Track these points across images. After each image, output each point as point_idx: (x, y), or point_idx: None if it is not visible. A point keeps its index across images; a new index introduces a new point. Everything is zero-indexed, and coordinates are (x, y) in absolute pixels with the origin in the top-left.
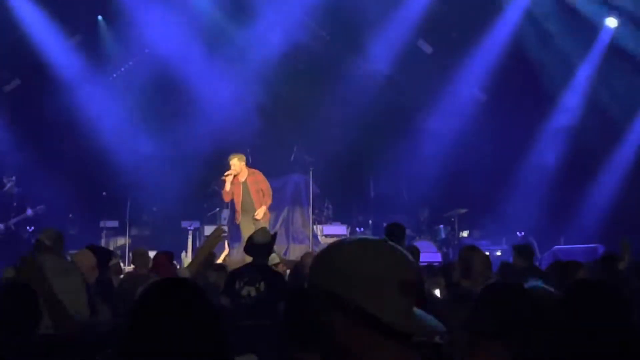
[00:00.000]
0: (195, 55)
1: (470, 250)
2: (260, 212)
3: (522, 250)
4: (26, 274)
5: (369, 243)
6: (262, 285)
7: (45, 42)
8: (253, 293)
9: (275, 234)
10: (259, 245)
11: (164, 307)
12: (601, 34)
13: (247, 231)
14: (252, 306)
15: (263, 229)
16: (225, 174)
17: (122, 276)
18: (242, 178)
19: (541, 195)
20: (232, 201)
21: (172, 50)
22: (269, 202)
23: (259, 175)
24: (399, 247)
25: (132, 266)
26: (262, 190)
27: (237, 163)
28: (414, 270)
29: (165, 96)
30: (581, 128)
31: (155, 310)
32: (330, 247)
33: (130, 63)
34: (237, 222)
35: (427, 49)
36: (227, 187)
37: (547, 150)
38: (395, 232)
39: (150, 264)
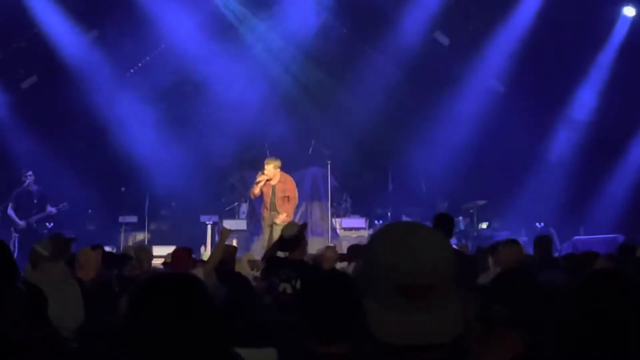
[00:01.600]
0: (212, 49)
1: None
2: (280, 219)
3: (541, 242)
4: None
5: (395, 234)
6: (298, 283)
7: (62, 39)
8: (289, 290)
9: (305, 224)
10: (288, 239)
11: (156, 303)
12: (619, 23)
13: (267, 228)
14: (289, 303)
15: (291, 223)
16: (258, 179)
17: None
18: (273, 182)
19: (561, 186)
20: (257, 197)
21: (189, 44)
22: (291, 208)
23: (289, 184)
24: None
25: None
26: (287, 197)
27: (271, 170)
28: (420, 272)
29: (183, 91)
30: (599, 119)
31: (147, 306)
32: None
33: (148, 58)
34: (262, 218)
35: (445, 40)
36: (257, 191)
37: (566, 141)
38: (442, 222)
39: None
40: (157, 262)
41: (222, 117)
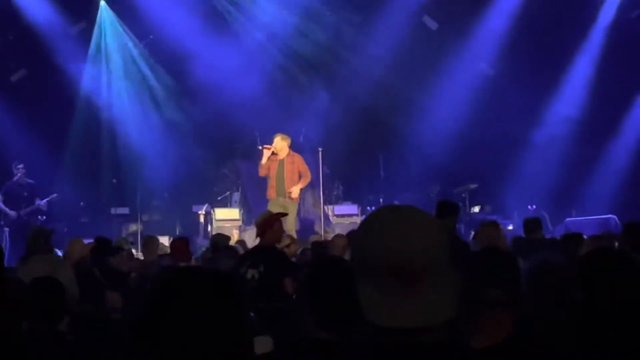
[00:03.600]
0: (202, 38)
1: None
2: (295, 191)
3: (531, 224)
4: None
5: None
6: (262, 267)
7: (50, 31)
8: (256, 275)
9: (278, 214)
10: (256, 225)
11: (183, 297)
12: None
13: (273, 209)
14: (256, 288)
15: (265, 211)
16: (265, 146)
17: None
18: (280, 156)
19: (552, 169)
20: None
21: (177, 31)
22: (306, 182)
23: (297, 158)
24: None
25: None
26: (299, 172)
27: (279, 141)
28: (412, 255)
29: (172, 80)
30: (590, 100)
31: (173, 300)
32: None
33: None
34: (269, 198)
35: (433, 25)
36: (264, 160)
37: (556, 123)
38: (444, 209)
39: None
40: None
41: (211, 106)
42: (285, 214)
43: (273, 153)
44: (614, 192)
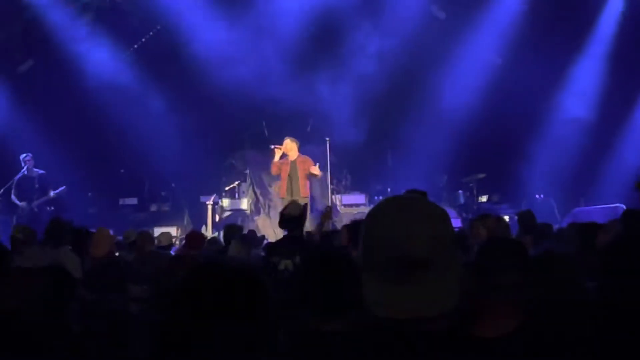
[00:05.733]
0: (209, 28)
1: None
2: (316, 169)
3: (523, 218)
4: None
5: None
6: (298, 259)
7: (58, 22)
8: (290, 267)
9: (306, 205)
10: (292, 218)
11: (220, 295)
12: None
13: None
14: (290, 280)
15: (294, 202)
16: (276, 146)
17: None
18: (291, 157)
19: (560, 158)
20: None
21: (186, 24)
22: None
23: (307, 159)
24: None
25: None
26: (310, 171)
27: (289, 143)
28: (417, 245)
29: (181, 72)
30: (599, 91)
31: (199, 296)
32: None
33: (143, 40)
34: (281, 197)
35: (440, 14)
36: (276, 158)
37: (565, 112)
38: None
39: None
40: None
41: (220, 98)
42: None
43: (284, 154)
44: (623, 182)
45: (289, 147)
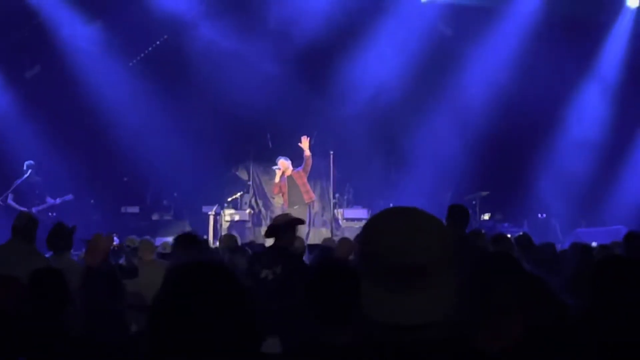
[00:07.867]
0: (214, 40)
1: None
2: (306, 150)
3: (521, 241)
4: None
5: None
6: (279, 268)
7: (66, 28)
8: (270, 276)
9: (296, 217)
10: (275, 227)
11: (191, 290)
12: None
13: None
14: (271, 289)
15: (284, 214)
16: (275, 168)
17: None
18: (287, 174)
19: (563, 178)
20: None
21: (192, 34)
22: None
23: (300, 171)
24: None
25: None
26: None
27: (283, 162)
28: (414, 253)
29: (187, 81)
30: (606, 115)
31: (181, 293)
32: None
33: (150, 49)
34: (286, 207)
35: (447, 31)
36: (277, 179)
37: (572, 134)
38: (455, 215)
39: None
40: None
41: (223, 109)
42: (302, 221)
43: (283, 174)
44: (625, 204)
45: (284, 165)
